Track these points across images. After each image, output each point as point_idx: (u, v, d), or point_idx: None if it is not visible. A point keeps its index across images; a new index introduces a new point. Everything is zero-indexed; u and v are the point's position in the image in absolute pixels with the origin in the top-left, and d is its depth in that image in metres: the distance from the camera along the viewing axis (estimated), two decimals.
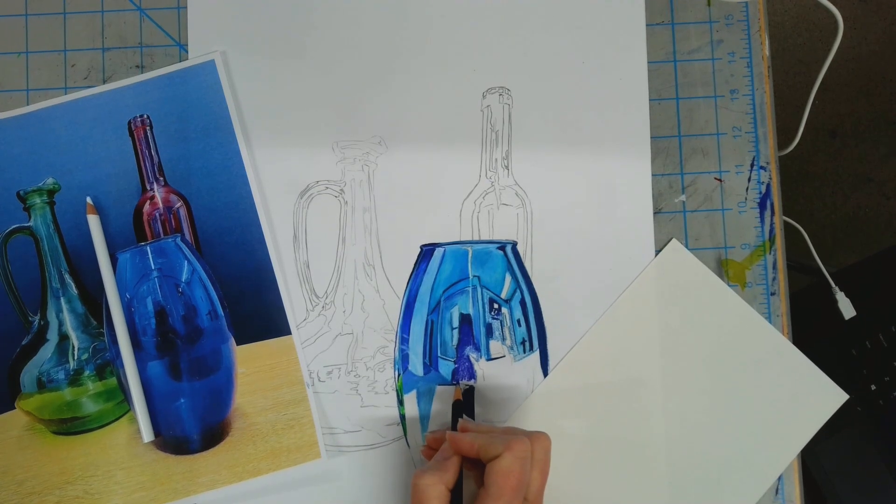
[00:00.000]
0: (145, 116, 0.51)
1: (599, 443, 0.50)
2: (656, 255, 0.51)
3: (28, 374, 0.49)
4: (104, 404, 0.50)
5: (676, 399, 0.50)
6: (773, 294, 0.51)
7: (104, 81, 0.52)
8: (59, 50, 0.52)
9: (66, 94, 0.51)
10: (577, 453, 0.49)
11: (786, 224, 0.54)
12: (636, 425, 0.50)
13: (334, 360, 0.50)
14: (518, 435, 0.40)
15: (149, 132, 0.51)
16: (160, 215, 0.50)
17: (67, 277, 0.50)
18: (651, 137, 0.51)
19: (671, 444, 0.50)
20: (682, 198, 0.52)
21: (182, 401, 0.50)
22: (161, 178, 0.51)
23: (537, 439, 0.41)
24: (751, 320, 0.50)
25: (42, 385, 0.49)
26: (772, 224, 0.52)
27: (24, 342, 0.50)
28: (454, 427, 0.45)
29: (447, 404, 0.50)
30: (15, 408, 0.49)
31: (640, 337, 0.50)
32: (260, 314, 0.50)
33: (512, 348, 0.50)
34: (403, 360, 0.50)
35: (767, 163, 0.52)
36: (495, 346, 0.50)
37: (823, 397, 0.50)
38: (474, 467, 0.41)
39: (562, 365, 0.50)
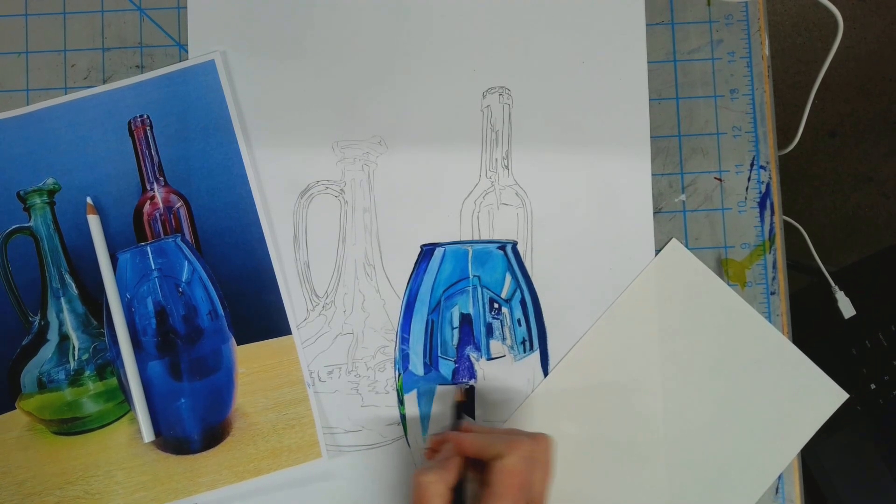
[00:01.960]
0: (145, 116, 0.51)
1: (599, 442, 0.50)
2: (656, 254, 0.51)
3: (28, 375, 0.49)
4: (104, 404, 0.50)
5: (676, 398, 0.50)
6: (773, 293, 0.51)
7: (104, 81, 0.52)
8: (59, 50, 0.52)
9: (66, 94, 0.51)
10: (577, 453, 0.49)
11: (786, 224, 0.53)
12: (636, 425, 0.50)
13: (335, 359, 0.50)
14: (520, 436, 0.40)
15: (149, 132, 0.51)
16: (160, 215, 0.50)
17: (67, 277, 0.50)
18: (651, 137, 0.51)
19: (671, 443, 0.50)
20: (682, 197, 0.52)
21: (182, 401, 0.50)
22: (161, 178, 0.51)
23: (539, 440, 0.41)
24: (751, 320, 0.50)
25: (42, 385, 0.49)
26: (772, 223, 0.52)
27: (24, 342, 0.50)
28: (454, 427, 0.45)
29: (447, 404, 0.50)
30: (15, 408, 0.49)
31: (639, 337, 0.50)
32: (260, 314, 0.50)
33: (512, 348, 0.50)
34: (404, 359, 0.50)
35: (767, 162, 0.52)
36: (495, 346, 0.50)
37: (823, 397, 0.50)
38: (475, 468, 0.41)
39: (562, 365, 0.50)
